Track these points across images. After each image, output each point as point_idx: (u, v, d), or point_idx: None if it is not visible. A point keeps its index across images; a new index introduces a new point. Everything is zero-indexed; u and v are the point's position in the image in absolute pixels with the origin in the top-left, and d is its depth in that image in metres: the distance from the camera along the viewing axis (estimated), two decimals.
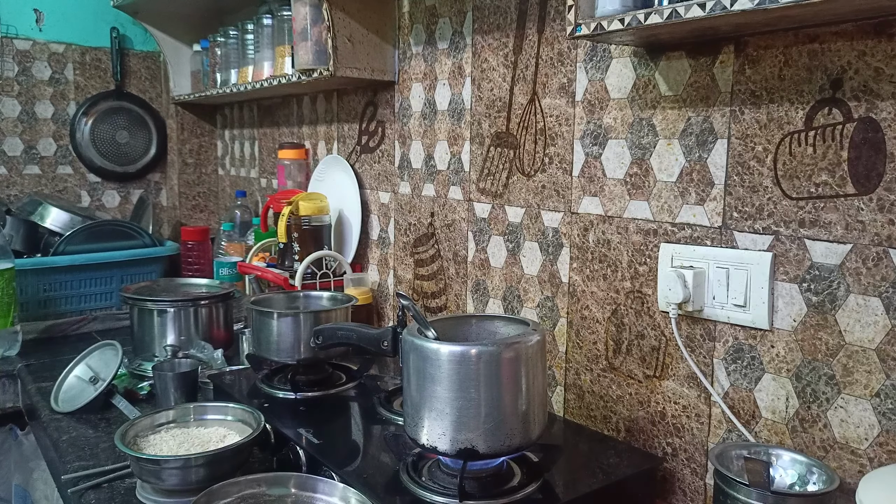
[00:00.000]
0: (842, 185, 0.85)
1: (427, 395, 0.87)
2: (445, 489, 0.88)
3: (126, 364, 1.45)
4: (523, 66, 1.27)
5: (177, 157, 2.63)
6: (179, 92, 2.48)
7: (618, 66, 1.11)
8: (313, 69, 1.56)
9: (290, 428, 1.09)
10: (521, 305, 1.31)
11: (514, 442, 0.88)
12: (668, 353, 1.06)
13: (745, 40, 0.94)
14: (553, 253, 1.23)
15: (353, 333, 1.13)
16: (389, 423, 1.11)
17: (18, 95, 2.43)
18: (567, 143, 1.20)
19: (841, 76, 0.85)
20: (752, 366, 0.96)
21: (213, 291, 1.62)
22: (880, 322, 0.83)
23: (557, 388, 1.25)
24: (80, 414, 1.29)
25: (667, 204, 1.05)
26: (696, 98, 1.00)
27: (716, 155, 0.98)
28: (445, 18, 1.45)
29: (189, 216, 2.66)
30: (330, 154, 1.90)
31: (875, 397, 0.84)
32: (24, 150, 2.46)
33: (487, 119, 1.35)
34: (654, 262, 1.07)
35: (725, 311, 0.97)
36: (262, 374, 1.30)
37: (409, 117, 1.58)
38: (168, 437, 1.06)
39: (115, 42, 2.55)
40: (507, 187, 1.32)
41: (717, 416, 1.00)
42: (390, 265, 1.68)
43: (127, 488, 1.02)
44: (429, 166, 1.52)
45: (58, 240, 1.93)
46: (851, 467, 0.86)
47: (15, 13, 2.39)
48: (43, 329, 1.79)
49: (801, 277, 0.90)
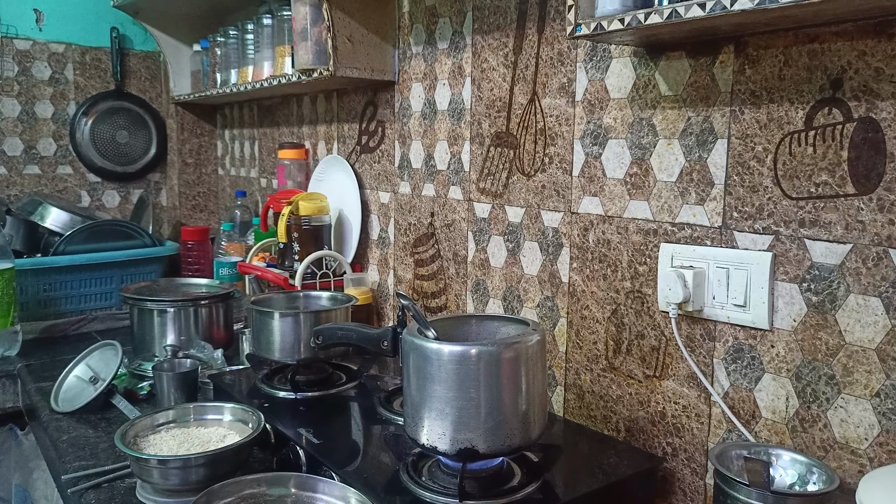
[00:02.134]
0: (842, 185, 0.85)
1: (427, 395, 0.87)
2: (445, 489, 0.88)
3: (126, 364, 1.45)
4: (523, 66, 1.27)
5: (177, 157, 2.63)
6: (179, 92, 2.48)
7: (618, 66, 1.11)
8: (313, 69, 1.56)
9: (290, 428, 1.09)
10: (521, 305, 1.31)
11: (514, 442, 0.87)
12: (668, 353, 1.06)
13: (745, 40, 0.94)
14: (553, 253, 1.23)
15: (353, 333, 1.13)
16: (389, 423, 1.11)
17: (18, 95, 2.43)
18: (567, 143, 1.20)
19: (841, 76, 0.85)
20: (752, 366, 0.96)
21: (213, 291, 1.62)
22: (880, 322, 0.83)
23: (557, 388, 1.25)
24: (80, 414, 1.29)
25: (667, 204, 1.05)
26: (696, 98, 1.00)
27: (716, 155, 0.98)
28: (445, 18, 1.45)
29: (189, 216, 2.66)
30: (330, 154, 1.90)
31: (875, 397, 0.84)
32: (24, 150, 2.46)
33: (487, 119, 1.35)
34: (654, 262, 1.07)
35: (725, 311, 0.97)
36: (262, 374, 1.30)
37: (409, 117, 1.58)
38: (168, 437, 1.06)
39: (115, 42, 2.55)
40: (507, 187, 1.32)
41: (717, 416, 1.00)
42: (390, 265, 1.68)
43: (127, 488, 1.02)
44: (429, 166, 1.52)
45: (58, 240, 1.93)
46: (851, 467, 0.86)
47: (15, 13, 2.39)
48: (43, 329, 1.79)
49: (801, 277, 0.90)
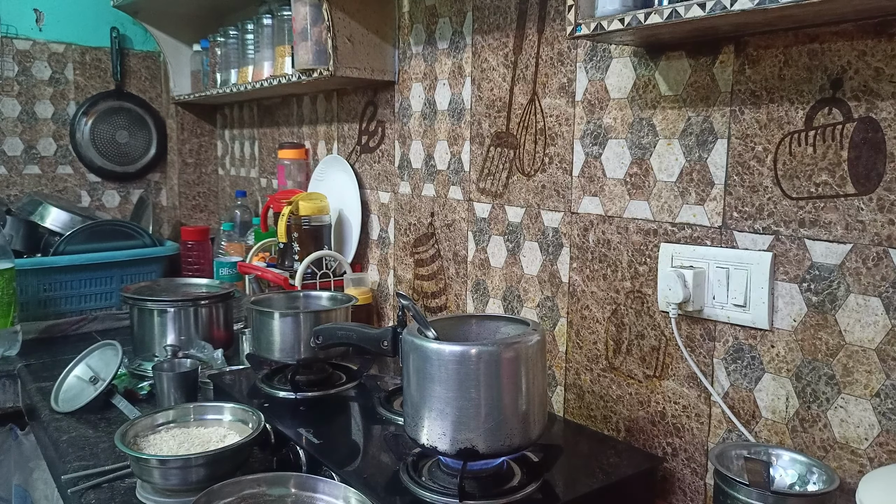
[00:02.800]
0: (842, 185, 0.85)
1: (427, 395, 0.87)
2: (445, 489, 0.88)
3: (126, 364, 1.45)
4: (523, 66, 1.27)
5: (177, 157, 2.63)
6: (179, 92, 2.48)
7: (618, 65, 1.11)
8: (313, 69, 1.56)
9: (290, 428, 1.09)
10: (521, 305, 1.31)
11: (514, 442, 0.87)
12: (668, 353, 1.06)
13: (745, 40, 0.94)
14: (553, 253, 1.23)
15: (353, 333, 1.13)
16: (389, 423, 1.11)
17: (18, 95, 2.43)
18: (567, 143, 1.20)
19: (841, 76, 0.85)
20: (752, 366, 0.96)
21: (213, 291, 1.62)
22: (880, 322, 0.83)
23: (557, 388, 1.25)
24: (80, 414, 1.29)
25: (667, 204, 1.05)
26: (696, 98, 1.00)
27: (716, 155, 0.98)
28: (445, 18, 1.45)
29: (189, 216, 2.66)
30: (330, 154, 1.90)
31: (875, 397, 0.84)
32: (24, 150, 2.46)
33: (487, 119, 1.35)
34: (654, 262, 1.07)
35: (725, 311, 0.97)
36: (262, 374, 1.30)
37: (409, 117, 1.58)
38: (168, 437, 1.06)
39: (115, 42, 2.55)
40: (507, 187, 1.32)
41: (717, 416, 1.00)
42: (390, 265, 1.68)
43: (127, 488, 1.02)
44: (429, 166, 1.52)
45: (58, 240, 1.93)
46: (851, 467, 0.86)
47: (15, 13, 2.39)
48: (43, 329, 1.79)
49: (801, 277, 0.90)
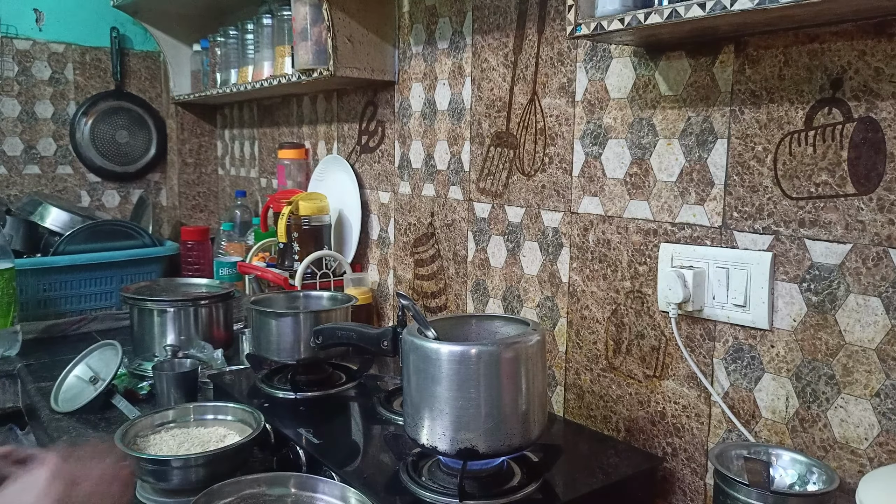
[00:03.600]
0: (842, 185, 0.85)
1: (427, 395, 0.87)
2: (445, 489, 0.88)
3: (126, 364, 1.45)
4: (523, 66, 1.27)
5: (177, 157, 2.63)
6: (179, 92, 2.48)
7: (618, 65, 1.11)
8: (313, 69, 1.56)
9: (290, 428, 1.09)
10: (521, 305, 1.31)
11: (514, 442, 0.87)
12: (668, 353, 1.06)
13: (745, 40, 0.94)
14: (553, 253, 1.23)
15: (353, 333, 1.13)
16: (389, 423, 1.11)
17: (18, 95, 2.43)
18: (567, 142, 1.20)
19: (841, 76, 0.85)
20: (752, 366, 0.96)
21: (213, 291, 1.62)
22: (880, 322, 0.83)
23: (557, 388, 1.25)
24: (80, 414, 1.29)
25: (667, 204, 1.05)
26: (696, 98, 1.00)
27: (716, 155, 0.98)
28: (445, 18, 1.45)
29: (189, 216, 2.66)
30: (330, 154, 1.90)
31: (875, 397, 0.84)
32: (24, 150, 2.46)
33: (487, 119, 1.35)
34: (653, 262, 1.07)
35: (725, 311, 0.97)
36: (262, 374, 1.30)
37: (409, 117, 1.58)
38: (168, 437, 1.06)
39: (115, 42, 2.55)
40: (507, 187, 1.32)
41: (717, 415, 1.00)
42: (390, 265, 1.68)
43: None
44: (429, 166, 1.52)
45: (58, 240, 1.93)
46: (851, 467, 0.86)
47: (15, 13, 2.39)
48: (43, 329, 1.79)
49: (801, 277, 0.90)
